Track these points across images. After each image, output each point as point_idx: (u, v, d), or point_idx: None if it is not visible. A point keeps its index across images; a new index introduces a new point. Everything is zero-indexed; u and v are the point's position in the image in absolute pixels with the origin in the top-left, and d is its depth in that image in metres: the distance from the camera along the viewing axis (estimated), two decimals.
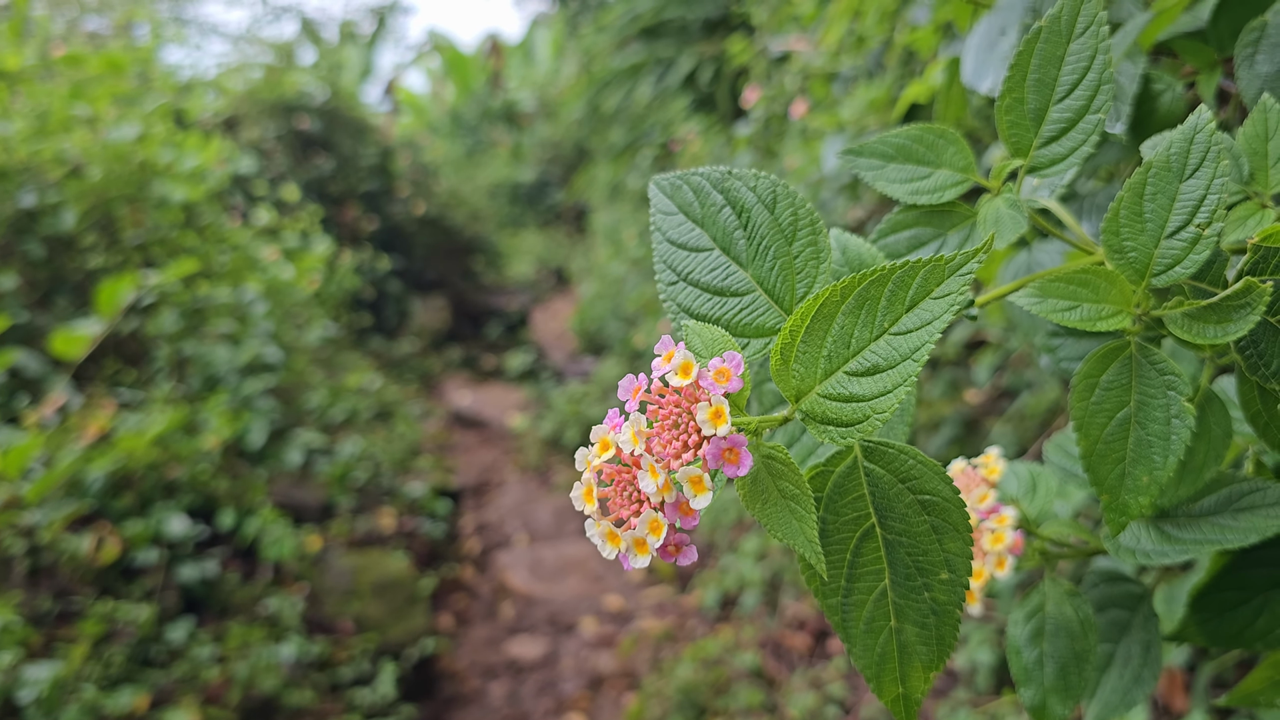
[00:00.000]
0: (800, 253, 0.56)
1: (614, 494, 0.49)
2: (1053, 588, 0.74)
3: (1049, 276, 0.60)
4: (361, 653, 3.07)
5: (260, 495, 3.23)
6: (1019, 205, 0.64)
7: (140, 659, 2.63)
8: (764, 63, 3.89)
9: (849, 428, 0.48)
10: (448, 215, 8.51)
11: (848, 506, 0.54)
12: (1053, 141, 0.64)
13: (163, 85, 4.48)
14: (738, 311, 0.57)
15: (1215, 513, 0.69)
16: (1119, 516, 0.60)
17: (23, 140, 3.27)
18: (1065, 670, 0.71)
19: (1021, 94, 0.64)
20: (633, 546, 0.48)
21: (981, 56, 1.00)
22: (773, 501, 0.49)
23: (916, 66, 2.31)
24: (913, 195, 0.67)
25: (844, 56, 2.83)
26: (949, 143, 0.68)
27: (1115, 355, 0.61)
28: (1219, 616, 0.74)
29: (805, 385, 0.50)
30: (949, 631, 0.53)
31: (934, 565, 0.52)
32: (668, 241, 0.60)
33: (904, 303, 0.48)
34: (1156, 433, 0.59)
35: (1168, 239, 0.58)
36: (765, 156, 3.78)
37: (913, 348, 0.47)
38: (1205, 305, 0.57)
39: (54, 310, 3.27)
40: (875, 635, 0.54)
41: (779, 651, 3.20)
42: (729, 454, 0.46)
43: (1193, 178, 0.58)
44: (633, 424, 0.47)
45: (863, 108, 2.46)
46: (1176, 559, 0.69)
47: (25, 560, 2.58)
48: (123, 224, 3.47)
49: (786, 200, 0.57)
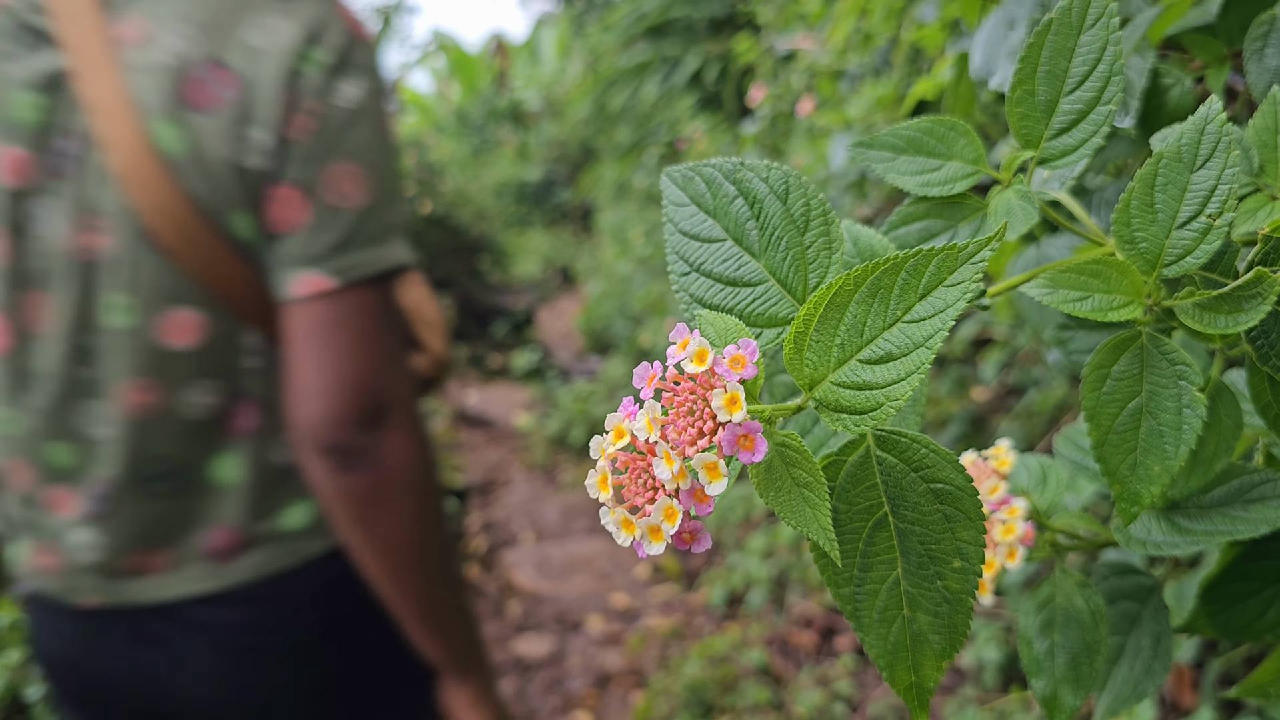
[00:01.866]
0: (813, 243, 0.56)
1: (629, 481, 0.49)
2: (1064, 579, 0.74)
3: (1060, 268, 0.60)
4: None
5: None
6: (1030, 197, 0.64)
7: None
8: (770, 61, 3.89)
9: (863, 415, 0.48)
10: (454, 214, 8.53)
11: (860, 495, 0.54)
12: (1063, 133, 0.64)
13: None
14: (750, 301, 0.57)
15: (1226, 504, 0.69)
16: (1130, 506, 0.60)
17: None
18: (1076, 661, 0.71)
19: (1032, 86, 0.64)
20: (647, 534, 0.48)
21: (990, 51, 1.01)
22: (787, 489, 0.49)
23: (924, 64, 2.31)
24: (923, 187, 0.67)
25: (851, 54, 2.84)
26: (959, 134, 0.68)
27: (1126, 346, 0.61)
28: (1229, 608, 0.74)
29: (819, 374, 0.50)
30: (962, 620, 0.53)
31: (947, 554, 0.53)
32: (680, 233, 0.60)
33: (917, 291, 0.48)
34: (1168, 422, 0.59)
35: (1179, 229, 0.58)
36: (772, 154, 3.78)
37: (926, 335, 0.48)
38: (1216, 295, 0.58)
39: None
40: (888, 624, 0.55)
41: (786, 649, 3.20)
42: (744, 440, 0.46)
43: (1203, 168, 0.58)
44: (648, 411, 0.47)
45: (870, 105, 2.46)
46: (1187, 550, 0.69)
47: None
48: None
49: (799, 191, 0.57)
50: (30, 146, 1.09)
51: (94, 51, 1.04)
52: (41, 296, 1.13)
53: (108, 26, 1.06)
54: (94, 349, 1.14)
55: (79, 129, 1.08)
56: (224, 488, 1.23)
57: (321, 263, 1.12)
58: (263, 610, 1.26)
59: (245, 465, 1.23)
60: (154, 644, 1.25)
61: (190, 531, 1.23)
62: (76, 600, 1.24)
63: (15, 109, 1.08)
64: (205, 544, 1.24)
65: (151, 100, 1.06)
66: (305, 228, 1.12)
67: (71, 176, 1.09)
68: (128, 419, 1.16)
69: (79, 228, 1.10)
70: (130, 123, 1.05)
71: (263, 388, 1.23)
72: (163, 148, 1.06)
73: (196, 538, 1.23)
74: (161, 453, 1.19)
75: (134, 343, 1.14)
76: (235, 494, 1.23)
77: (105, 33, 1.05)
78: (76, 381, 1.16)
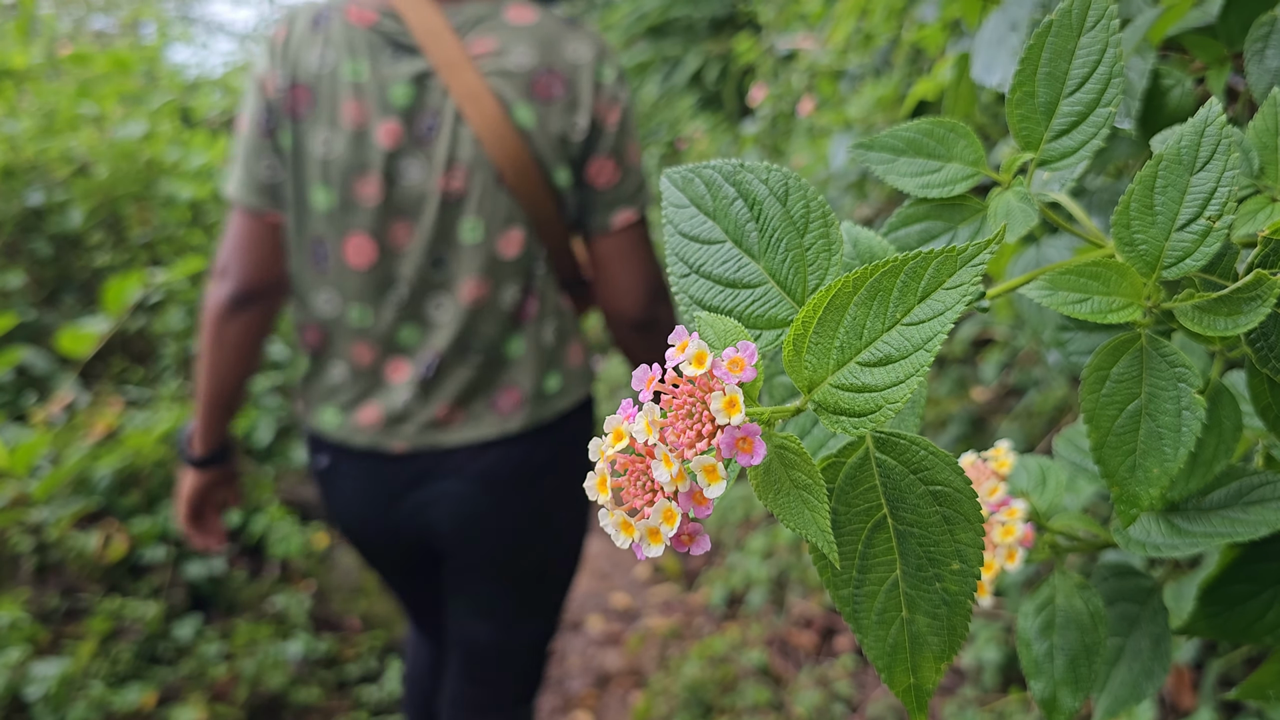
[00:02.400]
0: (812, 245, 0.56)
1: (628, 484, 0.49)
2: (1063, 581, 0.74)
3: (1060, 269, 0.60)
4: (369, 650, 3.08)
5: (267, 493, 3.23)
6: (1029, 198, 0.64)
7: (148, 656, 2.63)
8: (770, 61, 3.89)
9: (862, 417, 0.48)
10: None
11: (859, 497, 0.54)
12: (1063, 135, 0.64)
13: (169, 84, 4.49)
14: (750, 303, 0.57)
15: (1225, 506, 0.69)
16: (1129, 508, 0.60)
17: (30, 139, 3.28)
18: (1075, 663, 0.71)
19: (1032, 88, 0.64)
20: (646, 536, 0.48)
21: (991, 52, 1.01)
22: (785, 491, 0.49)
23: (924, 64, 2.31)
24: (923, 189, 0.67)
25: (851, 54, 2.84)
26: (959, 136, 0.68)
27: (1126, 348, 0.61)
28: (1229, 610, 0.74)
29: (818, 376, 0.50)
30: (960, 622, 0.53)
31: (946, 556, 0.52)
32: (679, 234, 0.60)
33: (916, 293, 0.48)
34: (1167, 424, 0.59)
35: (1178, 231, 0.58)
36: (772, 154, 3.78)
37: (925, 338, 0.48)
38: (1216, 298, 0.57)
39: (61, 308, 3.28)
40: (887, 626, 0.54)
41: (786, 649, 3.20)
42: (743, 443, 0.46)
43: (1203, 170, 0.58)
44: (647, 413, 0.47)
45: (870, 105, 2.46)
46: (1187, 552, 0.69)
47: (33, 557, 2.59)
48: (130, 222, 3.48)
49: (799, 193, 0.57)
50: (401, 121, 1.57)
51: (455, 59, 1.54)
52: (407, 223, 1.61)
53: (463, 43, 1.56)
54: (447, 258, 1.62)
55: (438, 109, 1.56)
56: (514, 360, 1.70)
57: (630, 202, 1.67)
58: (521, 452, 1.73)
59: (528, 343, 1.70)
60: (432, 480, 1.73)
61: (487, 393, 1.70)
62: (388, 447, 1.70)
63: (393, 96, 1.56)
64: (495, 402, 1.71)
65: (510, 93, 1.57)
66: (617, 182, 1.65)
67: (433, 141, 1.57)
68: (464, 307, 1.63)
69: (442, 175, 1.58)
70: (493, 106, 1.55)
71: (542, 287, 1.70)
72: (519, 123, 1.57)
73: (490, 397, 1.70)
74: (480, 333, 1.66)
75: (479, 252, 1.62)
76: (521, 365, 1.70)
77: (461, 47, 1.56)
78: (430, 281, 1.63)
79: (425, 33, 1.56)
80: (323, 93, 1.58)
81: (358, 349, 1.68)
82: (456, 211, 1.60)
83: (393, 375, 1.68)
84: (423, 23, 1.56)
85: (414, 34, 1.57)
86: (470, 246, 1.61)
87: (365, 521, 1.81)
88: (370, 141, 1.57)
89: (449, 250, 1.62)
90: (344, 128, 1.57)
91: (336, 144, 1.58)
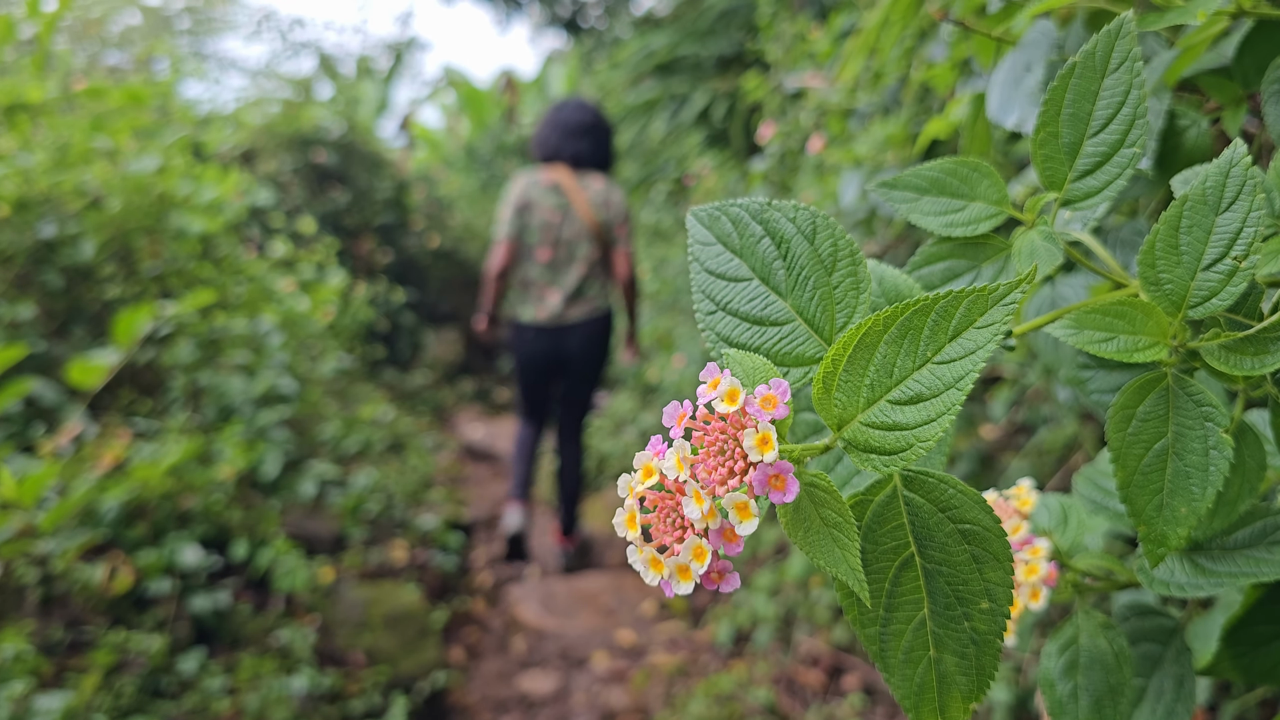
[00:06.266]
0: (840, 283, 0.57)
1: (657, 520, 0.49)
2: (1086, 620, 0.73)
3: (1085, 309, 0.60)
4: (373, 685, 3.06)
5: (273, 526, 3.23)
6: (1054, 238, 0.64)
7: (151, 689, 2.61)
8: (778, 99, 3.92)
9: (892, 455, 0.48)
10: (462, 248, 8.56)
11: (887, 535, 0.54)
12: (1087, 175, 0.64)
13: (182, 118, 4.53)
14: (777, 341, 0.57)
15: (1250, 545, 0.69)
16: (1157, 548, 0.60)
17: (44, 172, 3.30)
18: (1100, 704, 0.71)
19: (1056, 128, 0.65)
20: (676, 573, 0.48)
21: (1007, 92, 1.01)
22: (815, 529, 0.49)
23: (933, 103, 2.32)
24: (947, 228, 0.67)
25: (860, 92, 2.85)
26: (983, 175, 0.68)
27: (1152, 387, 0.61)
28: (1253, 650, 0.73)
29: (848, 414, 0.50)
30: (990, 661, 0.53)
31: (974, 595, 0.52)
32: (706, 271, 0.60)
33: (947, 332, 0.48)
34: (1194, 464, 0.59)
35: (1204, 271, 0.58)
36: (780, 191, 3.80)
37: (956, 376, 0.48)
38: (1242, 337, 0.58)
39: (71, 340, 3.29)
40: (914, 665, 0.54)
41: (793, 688, 3.17)
42: (775, 480, 0.46)
43: (1229, 211, 0.58)
44: (678, 450, 0.47)
45: (879, 143, 2.47)
46: (1211, 591, 0.68)
47: (38, 589, 2.58)
48: (141, 255, 3.50)
49: (826, 231, 0.57)
50: (560, 213, 4.20)
51: (577, 194, 4.19)
52: (563, 246, 4.20)
53: (581, 186, 4.23)
54: (573, 258, 4.22)
55: (569, 209, 4.19)
56: (590, 293, 4.29)
57: (626, 243, 4.30)
58: (594, 324, 4.33)
59: (595, 286, 4.31)
60: (563, 335, 4.29)
61: (583, 302, 4.28)
62: (546, 323, 4.27)
63: (557, 205, 4.19)
64: (584, 304, 4.28)
65: (598, 206, 4.22)
66: (623, 236, 4.28)
67: (568, 224, 4.20)
68: (578, 274, 4.24)
69: (572, 233, 4.20)
70: (590, 210, 4.19)
71: (600, 269, 4.32)
72: (596, 217, 4.20)
73: (583, 302, 4.28)
74: (583, 282, 4.26)
75: (584, 254, 4.23)
76: (592, 293, 4.30)
77: (580, 190, 4.21)
78: (566, 265, 4.24)
79: (566, 184, 4.18)
80: (533, 202, 4.17)
81: (537, 287, 4.24)
82: (576, 243, 4.20)
83: (550, 297, 4.23)
84: (565, 181, 4.19)
85: (562, 185, 4.18)
86: (580, 255, 4.22)
87: (535, 354, 4.33)
88: (548, 220, 4.17)
89: (573, 255, 4.21)
90: (540, 215, 4.17)
91: (537, 220, 4.17)
